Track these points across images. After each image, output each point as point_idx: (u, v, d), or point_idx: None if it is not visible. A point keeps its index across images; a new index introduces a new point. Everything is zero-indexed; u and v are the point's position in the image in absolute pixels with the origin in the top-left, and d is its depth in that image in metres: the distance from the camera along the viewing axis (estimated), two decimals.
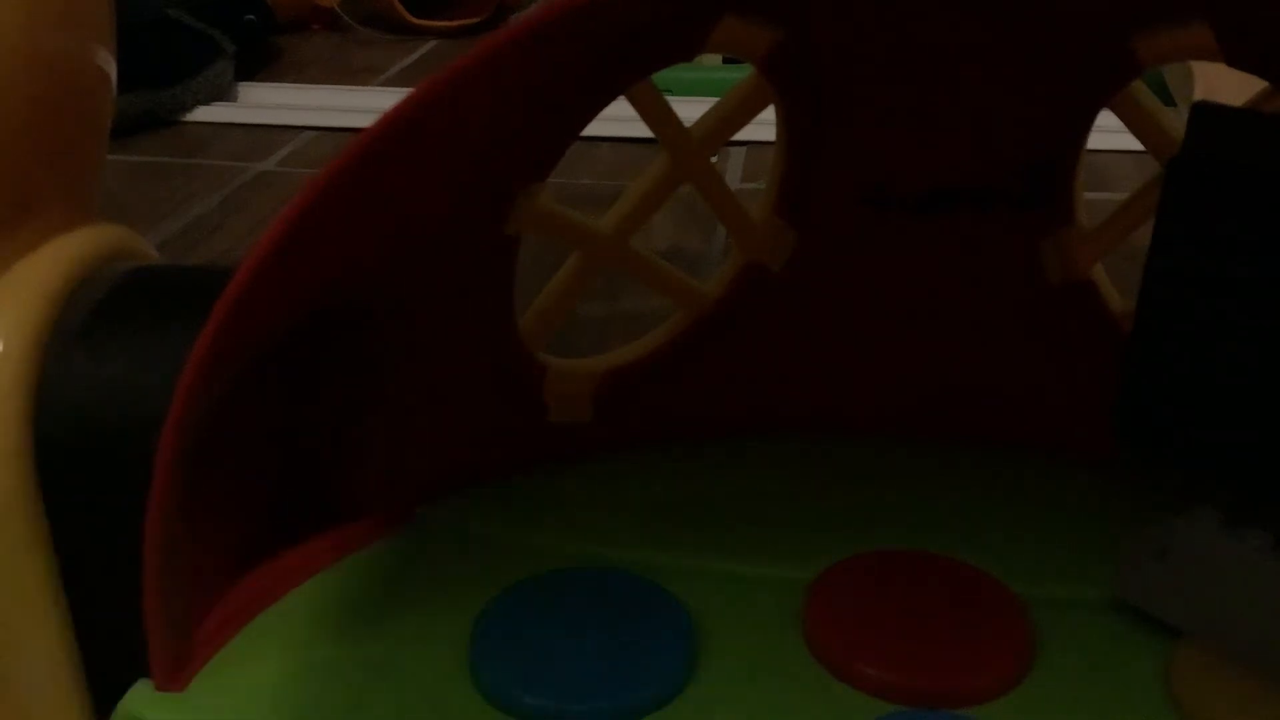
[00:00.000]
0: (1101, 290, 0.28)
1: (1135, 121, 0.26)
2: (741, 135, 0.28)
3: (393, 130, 0.16)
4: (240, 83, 0.75)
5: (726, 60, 0.71)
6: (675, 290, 0.29)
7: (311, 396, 0.25)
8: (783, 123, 0.27)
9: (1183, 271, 0.22)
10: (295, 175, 0.62)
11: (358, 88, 0.78)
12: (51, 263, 0.23)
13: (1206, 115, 0.22)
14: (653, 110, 0.26)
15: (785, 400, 0.30)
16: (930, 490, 0.28)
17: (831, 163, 0.27)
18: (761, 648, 0.23)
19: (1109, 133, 0.28)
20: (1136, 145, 0.27)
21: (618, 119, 0.26)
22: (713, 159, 0.28)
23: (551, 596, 0.23)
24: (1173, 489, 0.23)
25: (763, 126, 0.26)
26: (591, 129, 0.25)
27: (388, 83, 0.80)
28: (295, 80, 0.80)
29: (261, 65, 0.81)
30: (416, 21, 0.92)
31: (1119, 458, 0.26)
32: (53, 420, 0.22)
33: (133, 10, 0.52)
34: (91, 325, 0.23)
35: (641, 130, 0.27)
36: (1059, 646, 0.23)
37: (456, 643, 0.22)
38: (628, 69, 0.25)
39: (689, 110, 0.27)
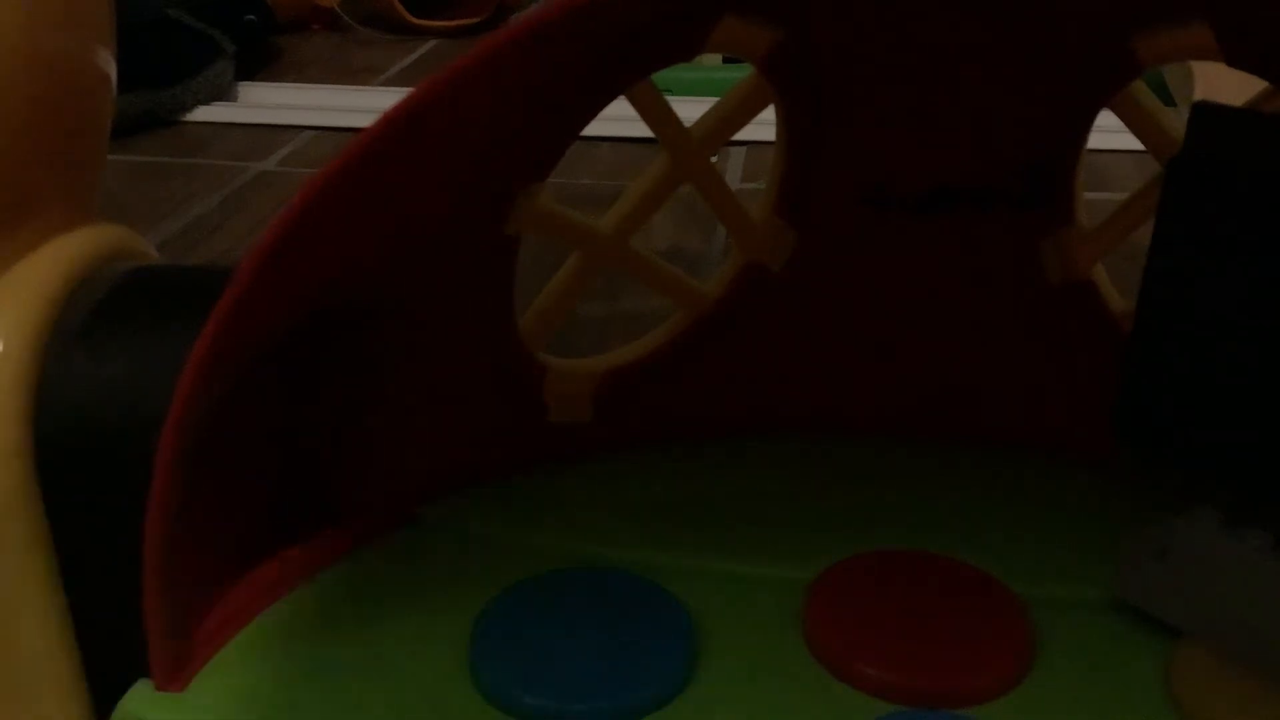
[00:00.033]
0: (1101, 290, 0.28)
1: (1135, 121, 0.26)
2: (741, 135, 0.28)
3: (392, 130, 0.16)
4: (240, 83, 0.75)
5: (726, 60, 0.71)
6: (675, 290, 0.29)
7: (311, 396, 0.25)
8: (783, 123, 0.27)
9: (1183, 271, 0.22)
10: (295, 175, 0.61)
11: (358, 88, 0.78)
12: (51, 263, 0.23)
13: (1206, 115, 0.22)
14: (653, 110, 0.26)
15: (785, 400, 0.30)
16: (930, 490, 0.28)
17: (831, 163, 0.27)
18: (761, 648, 0.23)
19: (1109, 133, 0.28)
20: (1136, 145, 0.27)
21: (618, 119, 0.26)
22: (713, 159, 0.28)
23: (551, 596, 0.23)
24: (1173, 489, 0.23)
25: (763, 126, 0.26)
26: (591, 129, 0.25)
27: (388, 83, 0.80)
28: (295, 80, 0.80)
29: (261, 65, 0.81)
30: (416, 21, 0.91)
31: (1119, 458, 0.26)
32: (53, 420, 0.22)
33: (133, 10, 0.52)
34: (91, 325, 0.23)
35: (641, 130, 0.27)
36: (1059, 646, 0.23)
37: (456, 643, 0.22)
38: (628, 69, 0.25)
39: (689, 110, 0.27)
